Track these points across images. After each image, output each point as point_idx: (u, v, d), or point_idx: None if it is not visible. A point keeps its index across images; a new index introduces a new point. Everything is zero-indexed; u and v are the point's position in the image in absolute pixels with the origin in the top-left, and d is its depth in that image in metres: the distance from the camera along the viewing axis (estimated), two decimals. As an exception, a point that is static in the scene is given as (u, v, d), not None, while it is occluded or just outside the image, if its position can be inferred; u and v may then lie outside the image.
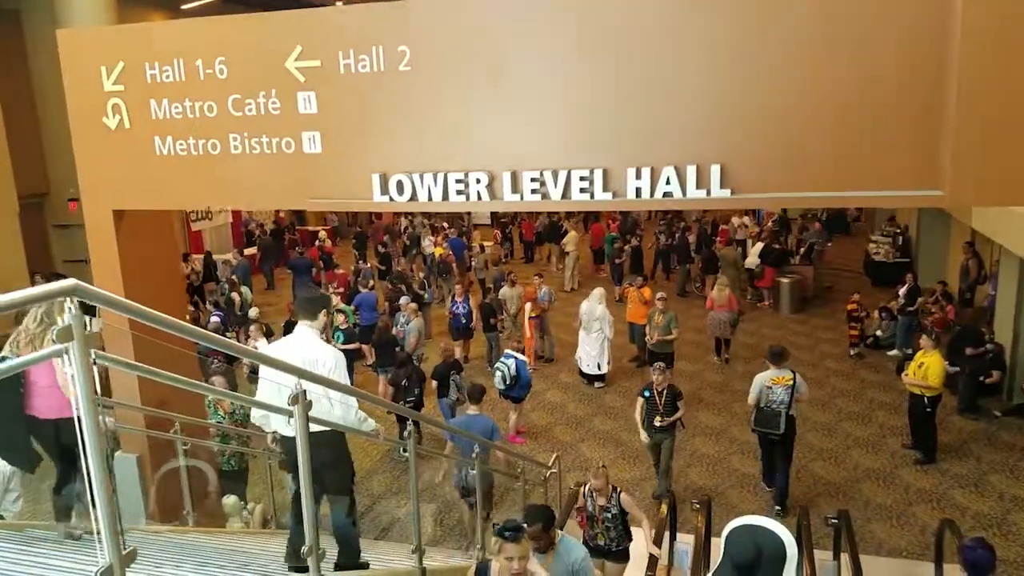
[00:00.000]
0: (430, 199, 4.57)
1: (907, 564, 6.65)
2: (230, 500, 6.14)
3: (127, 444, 5.71)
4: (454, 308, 12.15)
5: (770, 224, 17.58)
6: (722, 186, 4.10)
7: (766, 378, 7.70)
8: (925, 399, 8.23)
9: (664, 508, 5.86)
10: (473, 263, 16.35)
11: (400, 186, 4.60)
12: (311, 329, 3.93)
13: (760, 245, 15.16)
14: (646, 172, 4.20)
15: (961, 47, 3.66)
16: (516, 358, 9.23)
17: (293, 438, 3.86)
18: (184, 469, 5.02)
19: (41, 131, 14.29)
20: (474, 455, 5.11)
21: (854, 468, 8.54)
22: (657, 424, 7.62)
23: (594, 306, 10.88)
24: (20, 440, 3.77)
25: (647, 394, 7.73)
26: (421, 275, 15.38)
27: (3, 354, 3.61)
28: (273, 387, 3.58)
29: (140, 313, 2.01)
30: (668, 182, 4.17)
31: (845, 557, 5.53)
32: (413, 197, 4.60)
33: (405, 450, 3.72)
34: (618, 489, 5.38)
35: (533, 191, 4.39)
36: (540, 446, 9.39)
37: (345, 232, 21.78)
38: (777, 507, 7.93)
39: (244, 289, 13.18)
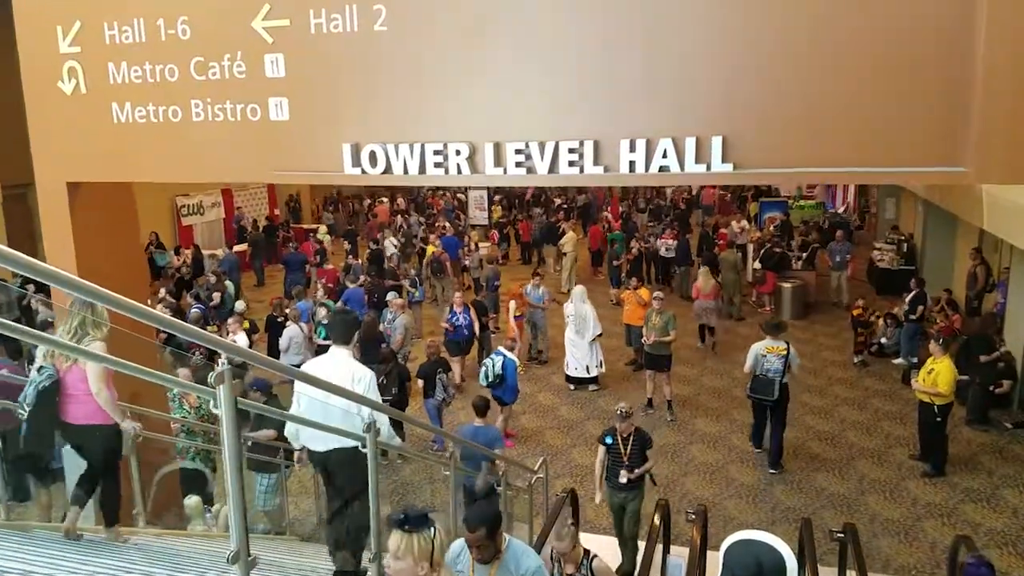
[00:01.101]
0: (406, 172, 4.20)
1: (916, 582, 6.25)
2: (192, 501, 5.73)
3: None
4: (452, 319, 10.68)
5: (771, 228, 17.23)
6: (724, 160, 3.72)
7: (761, 347, 8.03)
8: (935, 408, 7.84)
9: (657, 519, 5.44)
10: (467, 262, 16.00)
11: (373, 157, 4.23)
12: (345, 349, 3.98)
13: (767, 245, 14.85)
14: (641, 144, 3.82)
15: (989, 10, 3.29)
16: (505, 356, 8.85)
17: (324, 453, 3.78)
18: (134, 464, 4.61)
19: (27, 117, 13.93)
20: (448, 456, 4.71)
21: (859, 480, 8.13)
22: (623, 481, 6.20)
23: (579, 305, 10.51)
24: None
25: (609, 441, 6.30)
26: (413, 271, 14.99)
27: (39, 364, 3.69)
28: (317, 404, 3.57)
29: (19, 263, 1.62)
30: (665, 155, 3.79)
31: (851, 575, 5.12)
32: (387, 169, 4.23)
33: (365, 446, 3.32)
34: (591, 553, 4.30)
35: (517, 164, 4.02)
36: (530, 450, 8.99)
37: (340, 229, 21.44)
38: (771, 470, 8.06)
39: (228, 284, 12.80)
